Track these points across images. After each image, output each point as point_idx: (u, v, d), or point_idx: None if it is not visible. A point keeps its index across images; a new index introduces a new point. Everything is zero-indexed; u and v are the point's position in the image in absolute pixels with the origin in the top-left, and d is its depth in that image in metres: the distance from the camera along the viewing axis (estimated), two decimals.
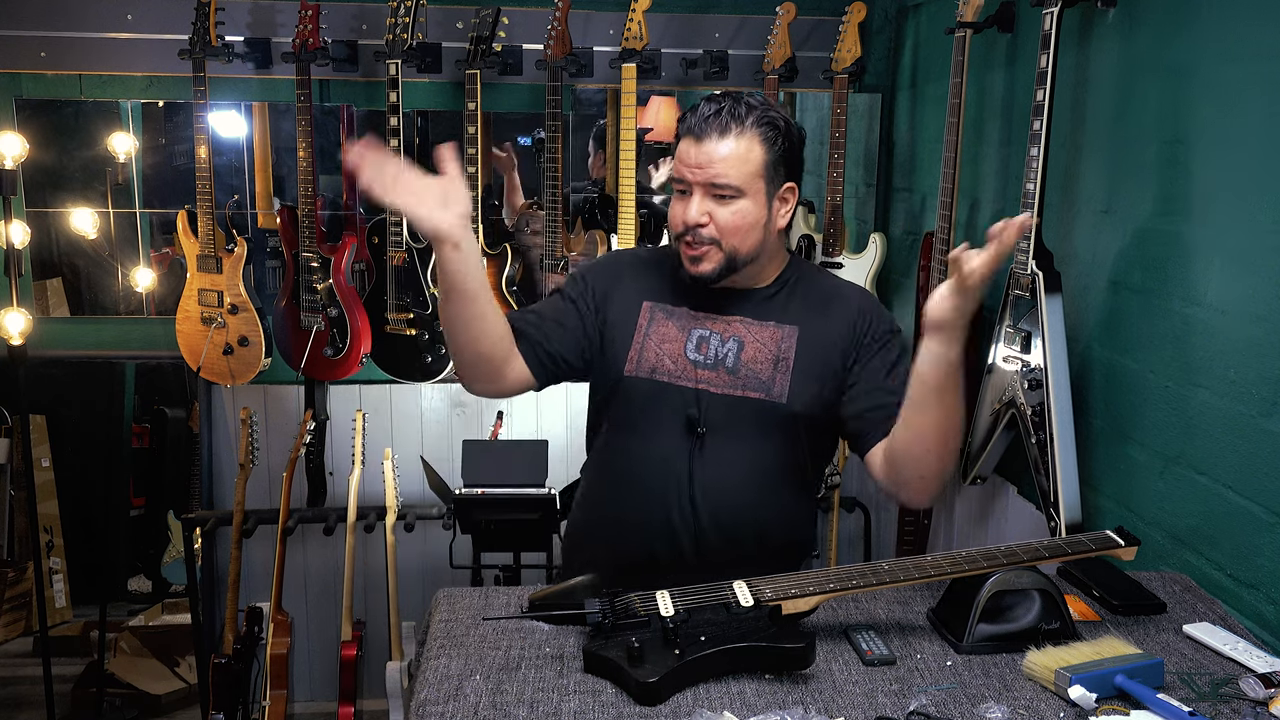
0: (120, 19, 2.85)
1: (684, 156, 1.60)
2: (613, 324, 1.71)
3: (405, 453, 3.14)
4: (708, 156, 1.57)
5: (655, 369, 1.67)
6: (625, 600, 1.38)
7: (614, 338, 1.71)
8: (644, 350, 1.69)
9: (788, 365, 1.67)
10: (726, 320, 1.69)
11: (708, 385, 1.66)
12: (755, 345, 1.68)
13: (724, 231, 1.60)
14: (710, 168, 1.57)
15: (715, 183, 1.58)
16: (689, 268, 1.64)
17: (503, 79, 2.96)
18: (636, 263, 1.80)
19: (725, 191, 1.59)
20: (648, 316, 1.71)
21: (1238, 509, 1.62)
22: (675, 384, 1.66)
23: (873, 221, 3.17)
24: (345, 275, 2.88)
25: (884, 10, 3.07)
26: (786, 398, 1.66)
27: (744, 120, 1.57)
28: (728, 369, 1.67)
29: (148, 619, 3.56)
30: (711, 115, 1.57)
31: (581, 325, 1.71)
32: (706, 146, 1.57)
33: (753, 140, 1.58)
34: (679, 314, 1.70)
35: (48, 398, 3.51)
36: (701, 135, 1.57)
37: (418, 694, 1.29)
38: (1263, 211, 1.58)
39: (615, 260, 1.85)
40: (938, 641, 1.43)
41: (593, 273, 1.77)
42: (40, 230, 3.09)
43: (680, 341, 1.68)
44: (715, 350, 1.68)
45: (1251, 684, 1.30)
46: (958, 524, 2.71)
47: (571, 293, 1.75)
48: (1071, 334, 2.03)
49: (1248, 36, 1.63)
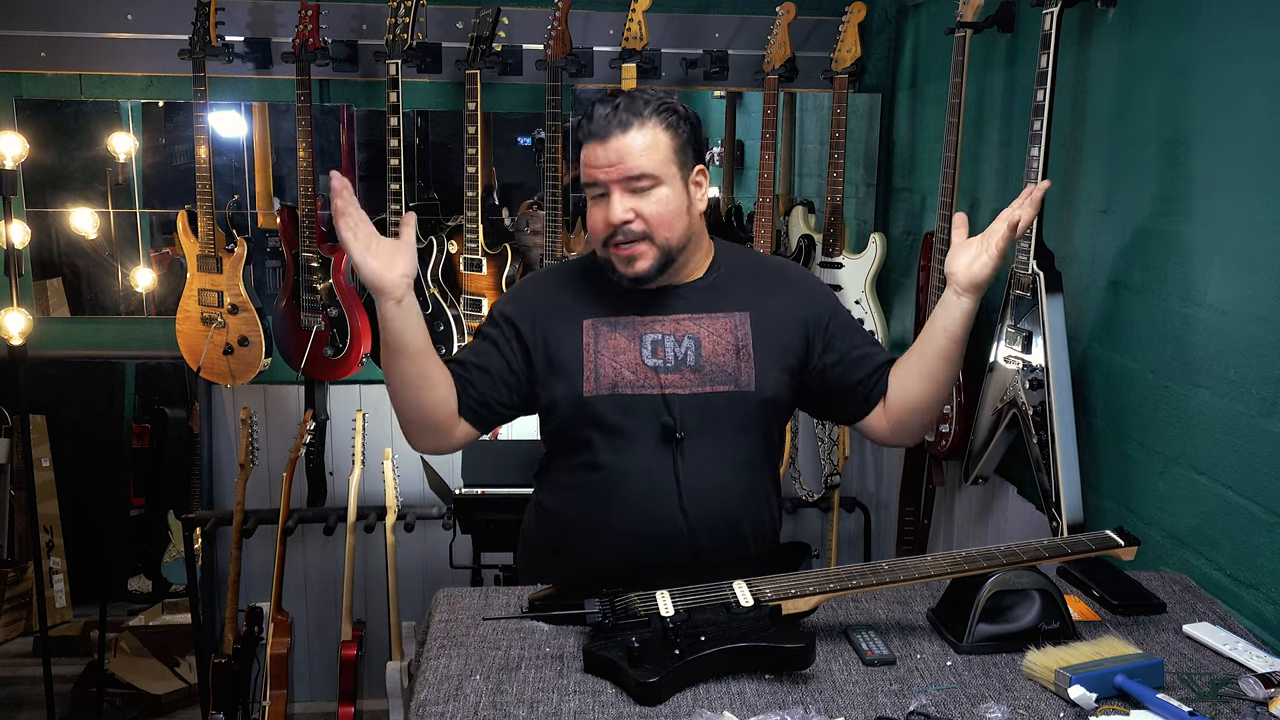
0: (120, 19, 2.85)
1: (592, 160, 1.59)
2: (555, 350, 1.68)
3: (405, 453, 3.13)
4: (617, 153, 1.57)
5: (616, 384, 1.65)
6: (625, 600, 1.38)
7: (562, 363, 1.67)
8: (599, 368, 1.65)
9: (749, 352, 1.67)
10: (675, 320, 1.68)
11: (674, 388, 1.64)
12: (712, 338, 1.67)
13: (652, 223, 1.59)
14: (622, 163, 1.57)
15: (630, 175, 1.57)
16: (624, 270, 1.62)
17: (503, 79, 2.97)
18: (560, 282, 1.76)
19: (643, 182, 1.58)
20: (592, 334, 1.67)
21: (1238, 509, 1.62)
22: (641, 394, 1.64)
23: (873, 221, 3.17)
24: (345, 275, 2.88)
25: (884, 10, 3.07)
26: (755, 384, 1.66)
27: (642, 112, 1.58)
28: (691, 367, 1.65)
29: (148, 619, 3.56)
30: (610, 113, 1.57)
31: (506, 365, 1.69)
32: (613, 144, 1.57)
33: (656, 128, 1.58)
34: (623, 323, 1.67)
35: (48, 398, 3.51)
36: (606, 135, 1.57)
37: (418, 694, 1.29)
38: (1263, 211, 1.57)
39: (533, 287, 1.79)
40: (938, 641, 1.43)
41: (511, 306, 1.73)
42: (40, 230, 3.09)
43: (634, 350, 1.66)
44: (673, 351, 1.66)
45: (1251, 684, 1.30)
46: (958, 524, 2.71)
47: (491, 333, 1.72)
48: (1072, 334, 2.03)
49: (1248, 36, 1.63)
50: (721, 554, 1.66)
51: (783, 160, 3.26)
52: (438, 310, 2.85)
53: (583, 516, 1.71)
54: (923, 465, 2.77)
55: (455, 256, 2.88)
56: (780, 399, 1.70)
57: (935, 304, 1.73)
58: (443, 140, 3.13)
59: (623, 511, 1.66)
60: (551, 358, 1.68)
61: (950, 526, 2.76)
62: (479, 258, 2.83)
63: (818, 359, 1.71)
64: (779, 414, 1.73)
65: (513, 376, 1.70)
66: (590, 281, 1.72)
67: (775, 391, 1.68)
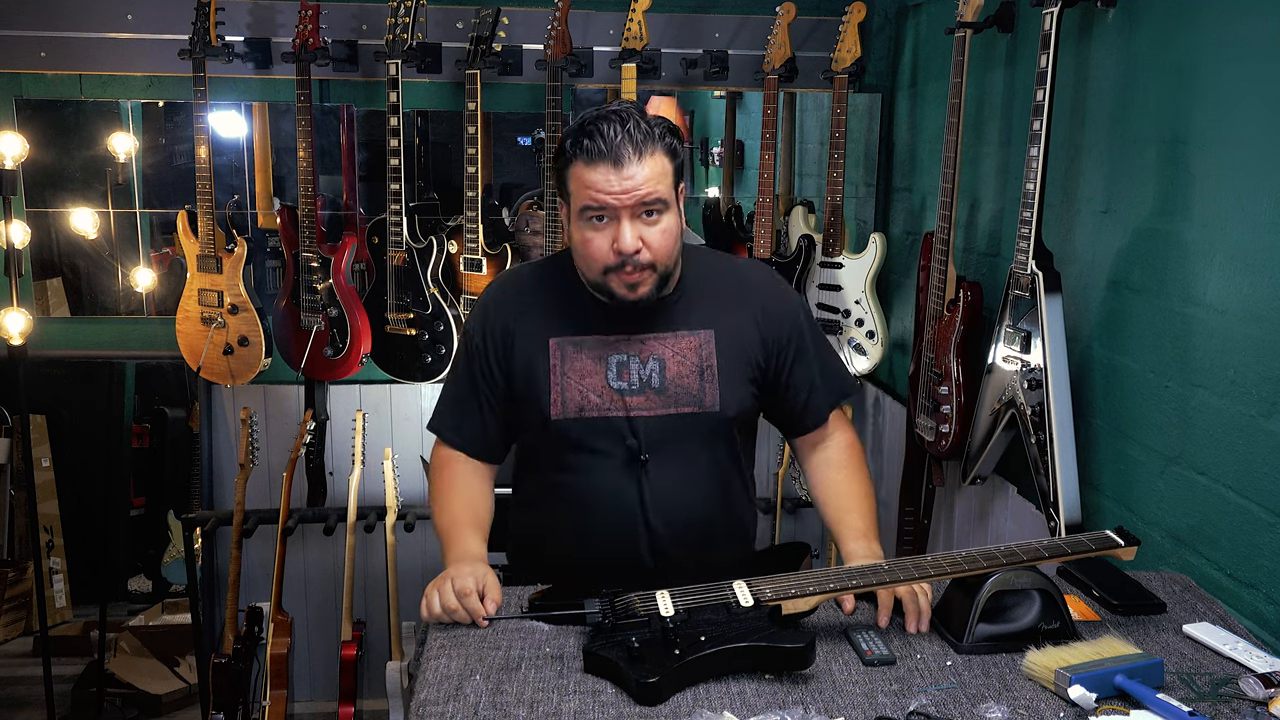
0: (120, 19, 2.85)
1: (601, 184, 1.53)
2: (523, 370, 1.68)
3: (405, 453, 3.14)
4: (632, 180, 1.52)
5: (582, 407, 1.65)
6: (625, 600, 1.38)
7: (529, 380, 1.67)
8: (565, 390, 1.65)
9: (713, 373, 1.67)
10: (640, 340, 1.67)
11: (639, 410, 1.65)
12: (676, 360, 1.67)
13: (658, 252, 1.58)
14: (638, 190, 1.53)
15: (645, 201, 1.54)
16: (626, 295, 1.60)
17: (503, 79, 2.96)
18: (522, 291, 1.74)
19: (655, 208, 1.56)
20: (558, 354, 1.67)
21: (1238, 509, 1.62)
22: (605, 416, 1.65)
23: (873, 221, 3.17)
24: (345, 275, 2.88)
25: (884, 10, 3.07)
26: (719, 405, 1.67)
27: (653, 135, 1.55)
28: (656, 390, 1.65)
29: (148, 619, 3.56)
30: (624, 137, 1.52)
31: (492, 405, 1.72)
32: (629, 169, 1.52)
33: (662, 154, 1.56)
34: (589, 344, 1.67)
35: (48, 398, 3.52)
36: (620, 159, 1.52)
37: (418, 694, 1.29)
38: (1262, 211, 1.57)
39: (500, 298, 1.75)
40: (938, 641, 1.43)
41: (486, 328, 1.72)
42: (40, 230, 3.09)
43: (600, 373, 1.65)
44: (638, 374, 1.66)
45: (1251, 684, 1.29)
46: (958, 524, 2.71)
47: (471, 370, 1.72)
48: (1071, 334, 2.03)
49: (1248, 36, 1.63)
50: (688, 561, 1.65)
51: (783, 160, 3.26)
52: (438, 310, 2.85)
53: (553, 529, 1.73)
54: (922, 465, 2.77)
55: (455, 256, 2.88)
56: (745, 411, 1.72)
57: (934, 305, 1.74)
58: (443, 140, 3.13)
59: (589, 532, 1.68)
60: (520, 378, 1.69)
61: (950, 526, 2.76)
62: (479, 258, 2.83)
63: (773, 376, 1.74)
64: (745, 426, 1.76)
65: (497, 407, 1.73)
66: (555, 294, 1.71)
67: (739, 408, 1.70)
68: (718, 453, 1.71)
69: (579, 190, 1.56)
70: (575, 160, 1.55)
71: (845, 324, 2.90)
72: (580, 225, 1.59)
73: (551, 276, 1.74)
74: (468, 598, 1.46)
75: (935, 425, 2.43)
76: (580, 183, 1.56)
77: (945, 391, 2.37)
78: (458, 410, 1.75)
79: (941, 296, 2.40)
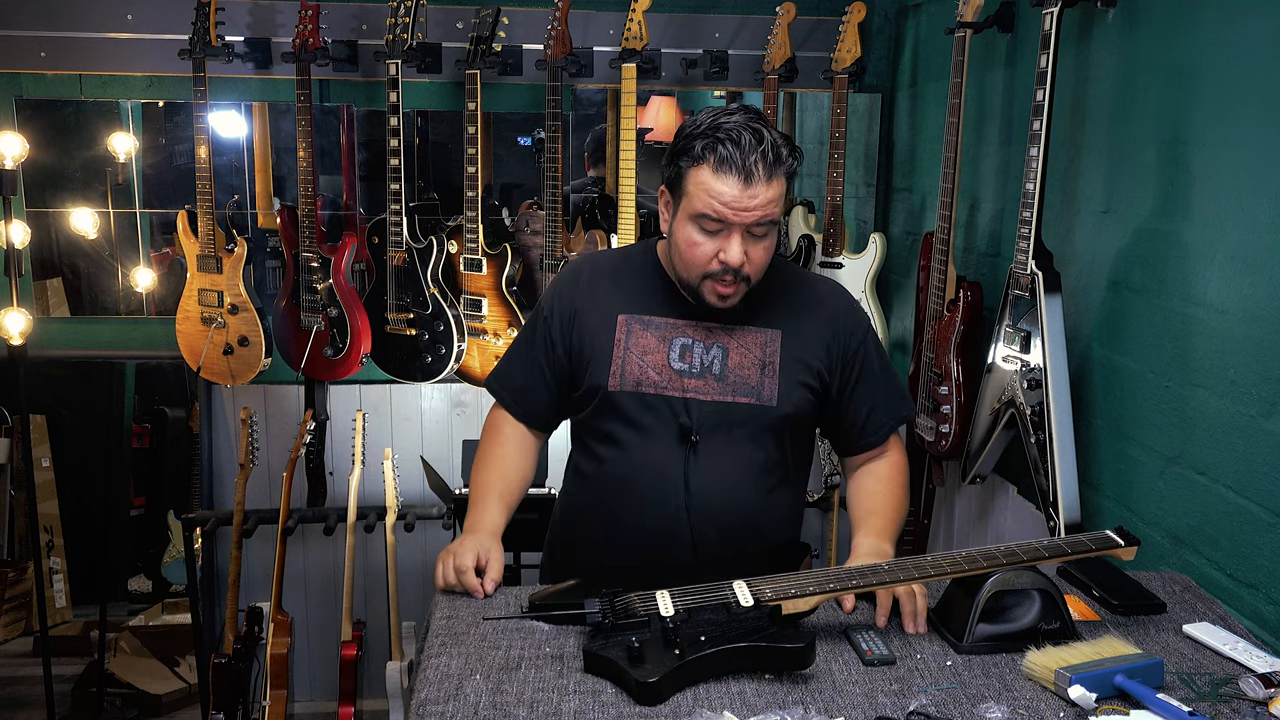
0: (120, 19, 2.85)
1: (726, 197, 1.52)
2: (588, 341, 1.71)
3: (405, 453, 3.14)
4: (757, 200, 1.52)
5: (640, 381, 1.66)
6: (625, 600, 1.38)
7: (591, 354, 1.70)
8: (626, 364, 1.67)
9: (774, 369, 1.68)
10: (707, 327, 1.69)
11: (696, 394, 1.66)
12: (740, 351, 1.68)
13: (756, 268, 1.60)
14: (758, 210, 1.53)
15: (762, 221, 1.55)
16: (717, 302, 1.62)
17: (503, 79, 2.96)
18: (598, 273, 1.77)
19: (766, 229, 1.57)
20: (624, 330, 1.69)
21: (1238, 509, 1.62)
22: (663, 394, 1.66)
23: (873, 221, 3.17)
24: (345, 275, 2.88)
25: (884, 10, 3.07)
26: (776, 400, 1.67)
27: (782, 159, 1.53)
28: (715, 376, 1.67)
29: (148, 619, 3.56)
30: (758, 156, 1.51)
31: (552, 375, 1.76)
32: (755, 188, 1.52)
33: (784, 177, 1.56)
34: (656, 324, 1.69)
35: (48, 398, 3.51)
36: (750, 176, 1.51)
37: (418, 694, 1.29)
38: (1262, 211, 1.58)
39: (574, 276, 1.77)
40: (938, 641, 1.43)
41: (556, 303, 1.75)
42: (40, 230, 3.09)
43: (662, 352, 1.67)
44: (700, 358, 1.67)
45: (1251, 684, 1.30)
46: (958, 524, 2.71)
47: (535, 338, 1.76)
48: (1071, 334, 2.03)
49: (1248, 36, 1.63)
50: (723, 555, 1.67)
51: None
52: (438, 310, 2.85)
53: (596, 505, 1.75)
54: (922, 465, 2.77)
55: (455, 256, 2.88)
56: (802, 413, 1.71)
57: (934, 305, 1.74)
58: (443, 140, 3.12)
59: (630, 505, 1.69)
60: (584, 350, 1.71)
61: (950, 526, 2.76)
62: (479, 258, 2.83)
63: (835, 389, 1.73)
64: (800, 427, 1.74)
65: (556, 384, 1.75)
66: (629, 278, 1.74)
67: (796, 407, 1.69)
68: (768, 449, 1.70)
69: (699, 194, 1.55)
70: (703, 163, 1.54)
71: None
72: (688, 226, 1.59)
73: (629, 260, 1.77)
74: (464, 574, 1.55)
75: (935, 425, 2.43)
76: (702, 188, 1.54)
77: (945, 391, 2.37)
78: (518, 375, 1.79)
79: (941, 296, 2.40)
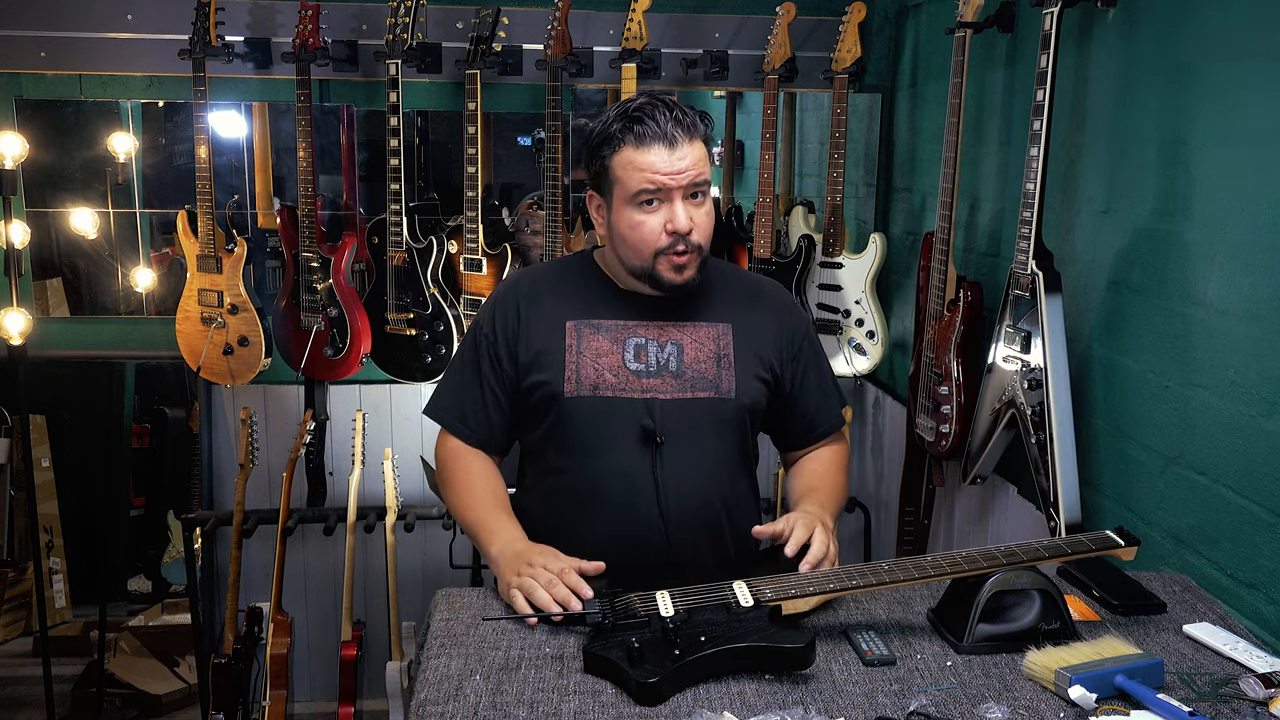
0: (120, 19, 2.85)
1: (656, 165, 1.57)
2: (537, 350, 1.69)
3: (405, 453, 3.14)
4: (685, 160, 1.58)
5: (598, 385, 1.66)
6: (625, 600, 1.38)
7: (542, 363, 1.68)
8: (580, 369, 1.66)
9: (730, 361, 1.69)
10: (659, 325, 1.69)
11: (656, 393, 1.66)
12: (695, 345, 1.69)
13: (703, 233, 1.63)
14: (691, 170, 1.58)
15: (696, 182, 1.59)
16: (674, 278, 1.63)
17: (503, 79, 2.97)
18: (538, 284, 1.76)
19: (701, 189, 1.61)
20: (574, 335, 1.68)
21: (1238, 509, 1.62)
22: (622, 397, 1.65)
23: (873, 221, 3.17)
24: (345, 275, 2.88)
25: (884, 10, 3.07)
26: (735, 392, 1.69)
27: (697, 121, 1.60)
28: (673, 373, 1.67)
29: (148, 619, 3.55)
30: (674, 121, 1.57)
31: (503, 393, 1.74)
32: (682, 150, 1.58)
33: (702, 139, 1.62)
34: (606, 327, 1.69)
35: (48, 398, 3.51)
36: (674, 140, 1.57)
37: (418, 694, 1.29)
38: (1262, 211, 1.57)
39: (513, 290, 1.76)
40: (938, 641, 1.43)
41: (497, 319, 1.73)
42: (40, 230, 3.09)
43: (616, 354, 1.67)
44: (655, 356, 1.67)
45: (1251, 684, 1.30)
46: (958, 524, 2.71)
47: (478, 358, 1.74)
48: (1071, 334, 2.03)
49: (1248, 36, 1.63)
50: (700, 557, 1.66)
51: (783, 160, 3.26)
52: (437, 310, 2.85)
53: (561, 519, 1.71)
54: (922, 465, 2.77)
55: (455, 256, 2.88)
56: (758, 405, 1.73)
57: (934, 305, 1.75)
58: (443, 140, 3.12)
59: (602, 514, 1.67)
60: (534, 360, 1.69)
61: (950, 526, 2.76)
62: (479, 258, 2.83)
63: (785, 381, 1.77)
64: (756, 420, 1.77)
65: (505, 398, 1.74)
66: (571, 286, 1.74)
67: (754, 399, 1.71)
68: (730, 443, 1.71)
69: (630, 175, 1.59)
70: (624, 145, 1.58)
71: (845, 324, 2.90)
72: (629, 210, 1.61)
73: (568, 269, 1.77)
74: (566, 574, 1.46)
75: (935, 425, 2.43)
76: (632, 166, 1.58)
77: (945, 391, 2.37)
78: (466, 400, 1.76)
79: (941, 296, 2.40)
